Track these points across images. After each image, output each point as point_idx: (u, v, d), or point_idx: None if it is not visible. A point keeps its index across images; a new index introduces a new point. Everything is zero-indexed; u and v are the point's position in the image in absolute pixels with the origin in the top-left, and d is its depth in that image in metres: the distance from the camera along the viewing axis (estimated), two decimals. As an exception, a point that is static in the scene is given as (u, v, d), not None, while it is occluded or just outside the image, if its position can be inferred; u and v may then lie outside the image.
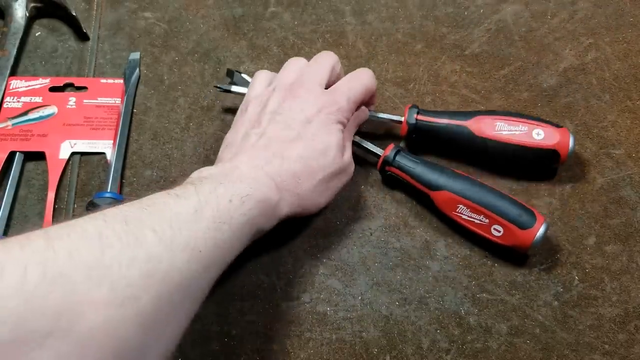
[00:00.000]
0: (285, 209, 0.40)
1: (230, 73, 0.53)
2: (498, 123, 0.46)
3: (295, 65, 0.46)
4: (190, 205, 0.34)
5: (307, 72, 0.45)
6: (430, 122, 0.48)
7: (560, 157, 0.46)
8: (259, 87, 0.47)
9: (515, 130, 0.46)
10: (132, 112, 0.54)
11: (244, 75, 0.53)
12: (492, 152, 0.47)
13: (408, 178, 0.47)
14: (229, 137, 0.45)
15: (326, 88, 0.45)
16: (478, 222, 0.44)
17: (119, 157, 0.50)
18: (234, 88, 0.52)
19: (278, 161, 0.41)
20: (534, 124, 0.46)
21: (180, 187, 0.36)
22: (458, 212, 0.45)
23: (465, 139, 0.47)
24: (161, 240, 0.30)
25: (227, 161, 0.41)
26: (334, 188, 0.44)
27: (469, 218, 0.44)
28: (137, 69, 0.56)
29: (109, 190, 0.48)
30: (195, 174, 0.39)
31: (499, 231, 0.44)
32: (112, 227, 0.29)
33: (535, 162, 0.47)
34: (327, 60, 0.46)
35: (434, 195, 0.46)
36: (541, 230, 0.42)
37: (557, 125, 0.46)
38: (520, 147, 0.46)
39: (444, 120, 0.48)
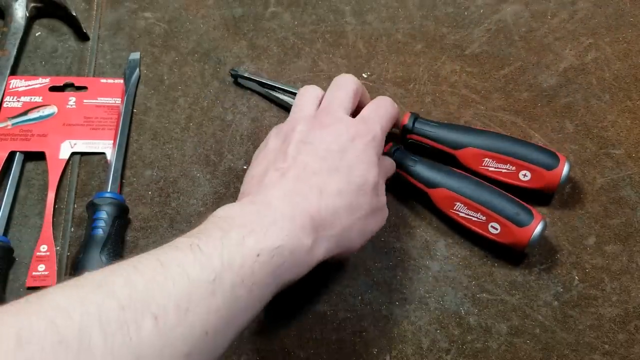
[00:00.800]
0: (320, 253, 0.36)
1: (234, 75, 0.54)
2: (486, 159, 0.46)
3: (311, 94, 0.43)
4: (210, 269, 0.29)
5: (330, 99, 0.42)
6: (421, 142, 0.48)
7: (546, 194, 0.46)
8: (278, 127, 0.43)
9: (502, 169, 0.46)
10: (132, 112, 0.54)
11: (248, 75, 0.54)
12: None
13: (406, 175, 0.47)
14: (251, 171, 0.40)
15: (351, 115, 0.42)
16: (475, 219, 0.44)
17: (119, 157, 0.50)
18: (248, 74, 0.53)
19: (316, 196, 0.36)
20: (522, 165, 0.45)
21: (206, 231, 0.32)
22: (455, 210, 0.45)
23: (454, 164, 0.47)
24: (159, 330, 0.26)
25: (257, 194, 0.37)
26: (371, 228, 0.40)
27: (466, 215, 0.44)
28: (137, 69, 0.56)
29: (109, 190, 0.48)
30: (222, 212, 0.34)
31: (496, 229, 0.43)
32: (104, 318, 0.25)
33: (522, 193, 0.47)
34: (348, 84, 0.43)
35: (431, 192, 0.46)
36: (539, 228, 0.42)
37: (551, 166, 0.44)
38: (505, 184, 0.46)
39: (435, 145, 0.48)
